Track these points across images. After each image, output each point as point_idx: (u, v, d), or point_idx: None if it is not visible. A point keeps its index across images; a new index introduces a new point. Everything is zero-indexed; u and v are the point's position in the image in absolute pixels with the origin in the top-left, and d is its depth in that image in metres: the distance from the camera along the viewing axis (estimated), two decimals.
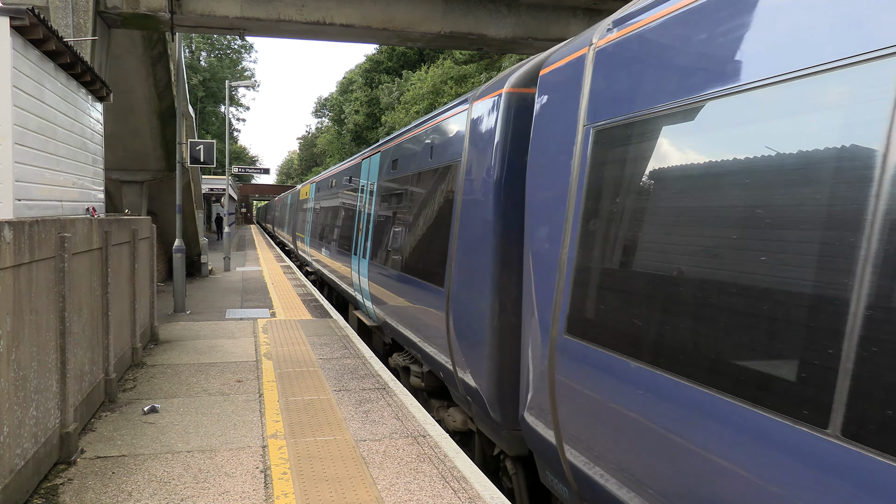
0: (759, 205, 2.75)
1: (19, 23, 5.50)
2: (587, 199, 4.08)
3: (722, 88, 3.04)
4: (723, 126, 3.01)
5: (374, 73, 69.84)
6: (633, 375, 3.47)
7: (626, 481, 3.55)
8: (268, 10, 10.90)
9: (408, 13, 11.39)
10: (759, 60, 2.84)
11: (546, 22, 11.84)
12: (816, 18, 2.58)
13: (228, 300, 15.66)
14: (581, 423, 4.01)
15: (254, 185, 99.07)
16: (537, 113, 4.93)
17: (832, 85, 2.47)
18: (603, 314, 3.81)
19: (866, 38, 2.37)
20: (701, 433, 2.96)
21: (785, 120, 2.68)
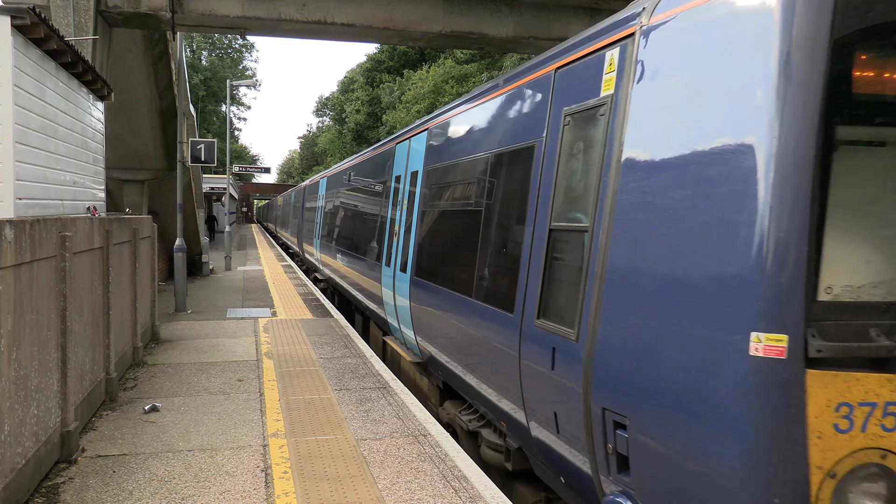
0: (456, 211, 6.65)
1: (20, 22, 5.50)
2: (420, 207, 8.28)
3: (452, 160, 7.23)
4: (457, 175, 7.00)
5: (375, 72, 69.83)
6: (431, 290, 7.26)
7: (433, 343, 7.33)
8: (269, 9, 10.89)
9: (408, 12, 11.38)
10: (457, 151, 7.03)
11: (547, 21, 11.83)
12: (467, 137, 6.82)
13: (229, 299, 15.67)
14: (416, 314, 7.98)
15: (255, 185, 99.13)
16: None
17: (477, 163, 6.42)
18: (416, 263, 7.96)
19: (480, 149, 6.23)
20: (454, 314, 6.48)
21: (460, 178, 6.85)
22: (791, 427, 2.82)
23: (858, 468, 2.83)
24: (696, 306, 3.13)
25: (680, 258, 3.27)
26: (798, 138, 2.87)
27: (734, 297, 2.93)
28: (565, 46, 4.93)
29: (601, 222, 3.93)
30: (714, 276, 3.06)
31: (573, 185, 4.45)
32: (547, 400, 4.48)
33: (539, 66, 5.30)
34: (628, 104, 3.86)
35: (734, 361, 2.90)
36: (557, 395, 4.31)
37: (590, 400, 3.86)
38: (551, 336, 4.37)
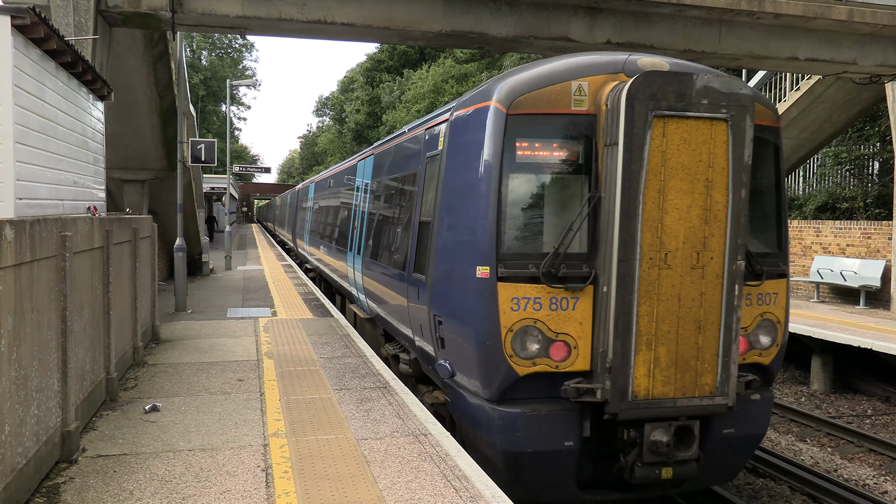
0: (381, 211, 10.43)
1: (20, 21, 5.50)
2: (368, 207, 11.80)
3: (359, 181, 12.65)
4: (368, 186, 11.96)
5: (375, 71, 69.79)
6: (370, 264, 10.48)
7: (373, 301, 10.58)
8: (269, 8, 10.88)
9: (408, 12, 11.36)
10: (384, 171, 10.64)
11: (547, 21, 11.81)
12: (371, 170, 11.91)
13: (229, 299, 15.67)
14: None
15: (255, 184, 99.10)
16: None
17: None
18: (364, 247, 11.36)
19: (395, 171, 9.75)
20: (381, 278, 9.64)
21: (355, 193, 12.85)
22: (492, 308, 5.96)
23: (522, 327, 5.98)
24: (462, 259, 6.41)
25: (458, 237, 6.60)
26: (492, 177, 6.11)
27: (473, 253, 6.20)
28: (429, 118, 8.44)
29: (436, 218, 7.10)
30: (467, 245, 6.35)
31: (428, 197, 7.63)
32: (418, 318, 7.64)
33: (419, 126, 8.77)
34: (445, 154, 7.15)
35: (472, 281, 6.16)
36: (421, 314, 7.46)
37: (430, 311, 7.09)
38: (418, 280, 7.58)
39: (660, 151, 5.76)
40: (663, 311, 5.86)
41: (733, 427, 6.48)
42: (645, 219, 5.76)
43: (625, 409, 5.83)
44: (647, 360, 5.85)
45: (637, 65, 6.31)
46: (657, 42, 12.31)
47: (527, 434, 6.08)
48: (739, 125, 5.87)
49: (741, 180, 5.91)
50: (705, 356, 6.00)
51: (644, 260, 5.79)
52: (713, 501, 7.72)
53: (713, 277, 5.96)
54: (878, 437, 9.79)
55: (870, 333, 11.73)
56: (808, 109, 16.25)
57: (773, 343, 6.91)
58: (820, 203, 19.81)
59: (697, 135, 5.82)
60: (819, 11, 12.32)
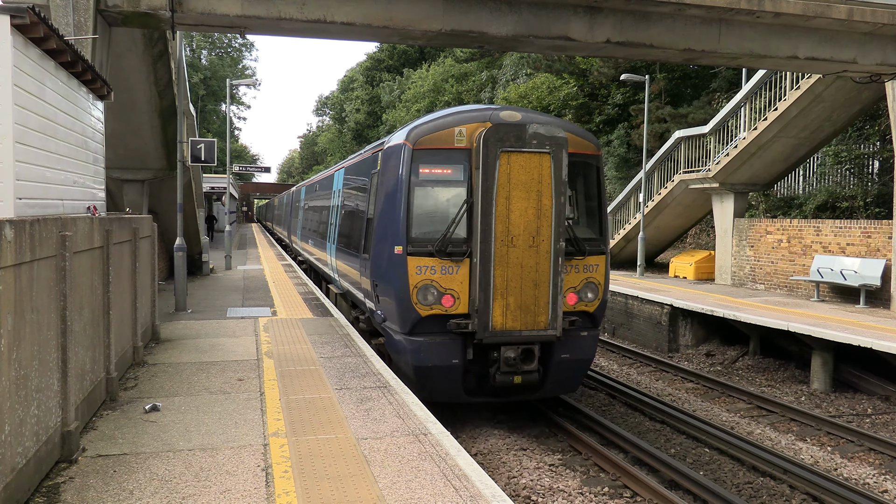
0: (348, 210, 13.58)
1: (20, 21, 5.49)
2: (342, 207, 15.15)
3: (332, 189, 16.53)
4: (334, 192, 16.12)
5: (375, 71, 69.79)
6: (340, 250, 13.80)
7: (342, 278, 13.95)
8: (268, 8, 10.87)
9: (408, 11, 11.35)
10: (348, 180, 14.13)
11: (547, 20, 11.80)
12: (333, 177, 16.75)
13: (229, 299, 15.67)
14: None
15: (255, 184, 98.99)
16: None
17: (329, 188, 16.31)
18: (336, 236, 14.68)
19: (356, 180, 13.13)
20: (346, 259, 12.90)
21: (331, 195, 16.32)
22: (404, 273, 9.01)
23: (423, 285, 8.98)
24: (387, 242, 9.39)
25: (385, 227, 9.49)
26: (404, 188, 9.17)
27: (393, 238, 9.21)
28: (374, 145, 11.94)
29: (374, 215, 10.15)
30: (390, 232, 9.32)
31: (371, 200, 10.75)
32: (365, 286, 10.87)
33: (370, 150, 12.24)
34: (379, 172, 10.18)
35: (392, 256, 9.21)
36: (366, 283, 10.73)
37: (371, 279, 10.20)
38: (365, 259, 10.71)
39: (506, 173, 8.97)
40: (511, 274, 9.07)
41: (568, 353, 9.63)
42: (497, 216, 8.97)
43: (487, 337, 9.06)
44: (501, 305, 9.06)
45: (500, 116, 9.31)
46: (657, 41, 12.30)
47: (428, 354, 9.23)
48: (558, 156, 9.08)
49: (560, 191, 9.10)
50: (540, 303, 9.16)
51: (498, 242, 8.99)
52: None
53: (544, 253, 9.13)
54: (878, 436, 9.79)
55: (870, 332, 11.73)
56: (807, 108, 16.24)
57: (595, 297, 9.87)
58: (820, 202, 19.80)
59: (530, 162, 9.02)
60: (819, 10, 12.31)
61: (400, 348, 9.53)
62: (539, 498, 7.73)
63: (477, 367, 9.48)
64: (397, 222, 9.29)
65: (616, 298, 17.92)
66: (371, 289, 10.45)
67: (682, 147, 21.18)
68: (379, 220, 9.93)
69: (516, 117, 9.34)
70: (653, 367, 14.52)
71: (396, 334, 9.58)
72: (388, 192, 9.72)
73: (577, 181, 10.00)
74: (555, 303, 9.17)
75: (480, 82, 44.83)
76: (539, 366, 9.40)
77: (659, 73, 29.10)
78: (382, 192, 9.93)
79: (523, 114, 9.58)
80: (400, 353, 9.60)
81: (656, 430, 10.33)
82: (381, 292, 9.94)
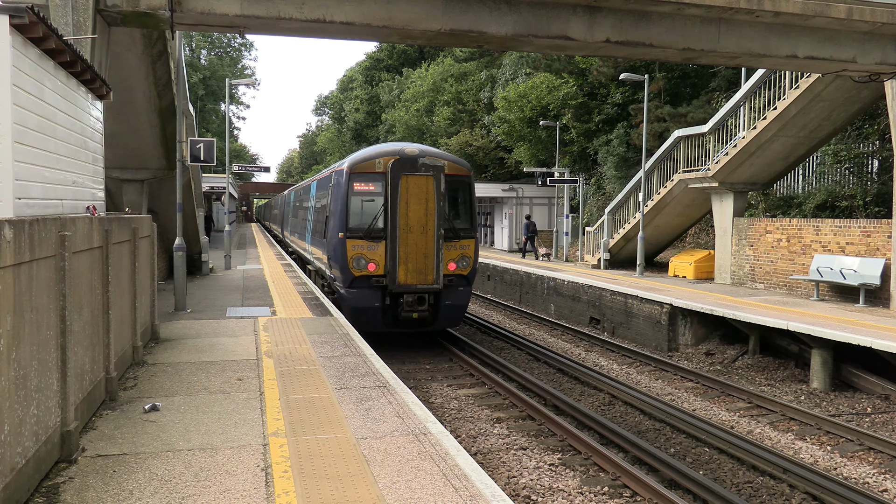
0: (318, 210, 18.98)
1: (19, 21, 5.49)
2: (316, 207, 21.63)
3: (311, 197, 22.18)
4: (311, 196, 22.11)
5: (374, 70, 69.73)
6: (315, 240, 19.25)
7: (316, 260, 19.51)
8: (268, 7, 10.86)
9: (407, 11, 11.35)
10: (319, 188, 19.45)
11: (547, 19, 11.80)
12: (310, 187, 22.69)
13: (229, 298, 15.66)
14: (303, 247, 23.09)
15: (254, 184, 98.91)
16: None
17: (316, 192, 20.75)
18: (312, 230, 20.19)
19: (325, 188, 17.79)
20: (318, 245, 18.15)
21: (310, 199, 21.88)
22: (344, 250, 14.27)
23: (356, 256, 14.22)
24: (335, 231, 14.70)
25: (334, 222, 14.93)
26: (344, 197, 14.41)
27: (338, 228, 14.54)
28: (333, 167, 17.62)
29: (330, 214, 15.43)
30: (337, 225, 14.71)
31: (329, 204, 15.73)
32: (325, 261, 16.19)
33: (330, 170, 17.49)
34: (332, 185, 15.69)
35: (338, 239, 14.51)
36: (325, 258, 16.16)
37: (327, 256, 15.70)
38: (324, 241, 16.12)
39: (405, 188, 14.03)
40: (410, 250, 14.08)
41: (450, 300, 14.68)
42: (401, 214, 14.03)
43: (395, 288, 14.08)
44: (404, 269, 14.09)
45: (404, 152, 14.35)
46: (656, 41, 12.30)
47: (359, 299, 14.29)
48: (438, 177, 14.22)
49: (440, 199, 14.22)
50: (429, 268, 14.20)
51: (401, 230, 14.04)
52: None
53: (430, 237, 14.18)
54: (877, 435, 9.79)
55: (869, 331, 11.74)
56: (807, 108, 16.24)
57: (467, 266, 14.82)
58: (819, 201, 19.80)
59: (421, 181, 14.13)
60: (818, 10, 12.31)
61: (344, 297, 14.76)
62: (539, 497, 7.73)
63: (390, 308, 14.57)
64: (342, 218, 14.51)
65: (616, 298, 17.92)
66: (328, 261, 15.93)
67: (682, 146, 21.18)
68: (330, 217, 15.47)
69: (414, 152, 14.49)
70: (652, 366, 14.53)
71: (342, 288, 14.82)
72: (336, 199, 15.06)
73: (457, 192, 15.00)
74: (437, 267, 14.36)
75: (480, 82, 44.78)
76: (430, 308, 14.63)
77: (658, 72, 29.09)
78: (333, 199, 15.38)
79: (420, 149, 14.74)
80: (344, 300, 14.81)
81: (656, 430, 10.33)
82: (332, 263, 15.36)
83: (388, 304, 14.44)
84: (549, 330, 18.98)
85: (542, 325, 19.64)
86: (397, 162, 14.13)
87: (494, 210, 39.09)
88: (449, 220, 14.53)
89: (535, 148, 35.97)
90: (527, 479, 8.20)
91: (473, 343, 15.78)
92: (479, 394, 12.03)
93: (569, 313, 20.40)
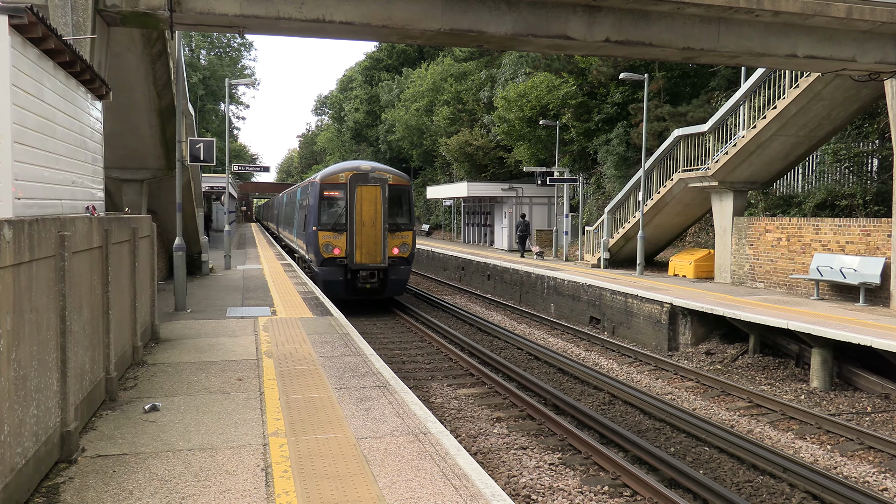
0: (300, 209, 25.32)
1: (18, 21, 5.48)
2: (285, 209, 34.35)
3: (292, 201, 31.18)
4: (291, 200, 31.75)
5: (374, 70, 69.68)
6: (300, 234, 24.70)
7: (299, 249, 25.95)
8: (267, 7, 10.86)
9: (407, 10, 11.34)
10: (300, 193, 26.54)
11: (546, 19, 11.80)
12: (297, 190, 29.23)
13: (229, 298, 15.66)
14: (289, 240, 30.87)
15: (254, 184, 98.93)
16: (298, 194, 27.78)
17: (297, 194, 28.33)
18: (297, 225, 26.28)
19: (305, 194, 23.90)
20: (301, 237, 24.03)
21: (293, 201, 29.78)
22: (316, 241, 19.63)
23: (325, 243, 19.55)
24: (310, 225, 20.39)
25: (310, 218, 20.55)
26: (317, 201, 19.97)
27: (312, 223, 20.07)
28: (310, 178, 24.81)
29: (308, 212, 21.15)
30: (310, 220, 20.40)
31: (308, 206, 21.25)
32: (305, 248, 22.39)
33: (308, 181, 24.23)
34: (309, 192, 21.62)
35: (312, 231, 20.08)
36: (305, 246, 22.21)
37: (305, 244, 22.16)
38: (303, 232, 22.32)
39: (360, 195, 19.31)
40: (363, 239, 19.37)
41: (394, 276, 19.91)
42: (357, 213, 19.29)
43: (353, 266, 19.36)
44: (359, 252, 19.27)
45: (360, 168, 19.79)
46: (656, 40, 12.29)
47: (328, 275, 19.44)
48: (384, 187, 19.57)
49: (385, 202, 19.49)
50: (378, 252, 19.40)
51: (357, 224, 19.25)
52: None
53: (379, 229, 19.43)
54: (877, 434, 9.79)
55: (869, 330, 11.74)
56: (807, 107, 16.24)
57: (407, 250, 19.96)
58: (819, 200, 19.80)
59: (372, 190, 19.44)
60: (818, 9, 12.31)
61: (317, 273, 20.02)
62: (539, 497, 7.73)
63: (350, 281, 19.75)
64: (315, 216, 19.85)
65: (616, 297, 17.92)
66: (306, 247, 21.77)
67: (682, 145, 21.18)
68: (308, 215, 20.93)
69: (367, 168, 19.87)
70: (652, 365, 14.52)
71: (316, 267, 20.14)
72: (311, 202, 20.51)
73: (399, 197, 20.24)
74: (384, 251, 19.54)
75: (479, 81, 44.78)
76: (379, 281, 19.89)
77: (658, 71, 29.09)
78: (309, 202, 20.88)
79: (371, 166, 20.18)
80: (317, 276, 20.05)
81: (656, 429, 10.33)
82: (308, 249, 21.03)
83: (349, 278, 19.71)
84: (549, 329, 18.98)
85: (542, 325, 19.64)
86: (354, 176, 19.53)
87: (494, 210, 39.08)
88: (392, 217, 19.91)
89: (534, 147, 35.97)
90: (527, 479, 8.20)
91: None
92: (478, 393, 12.03)
93: (569, 313, 20.40)
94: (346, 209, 19.31)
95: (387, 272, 19.77)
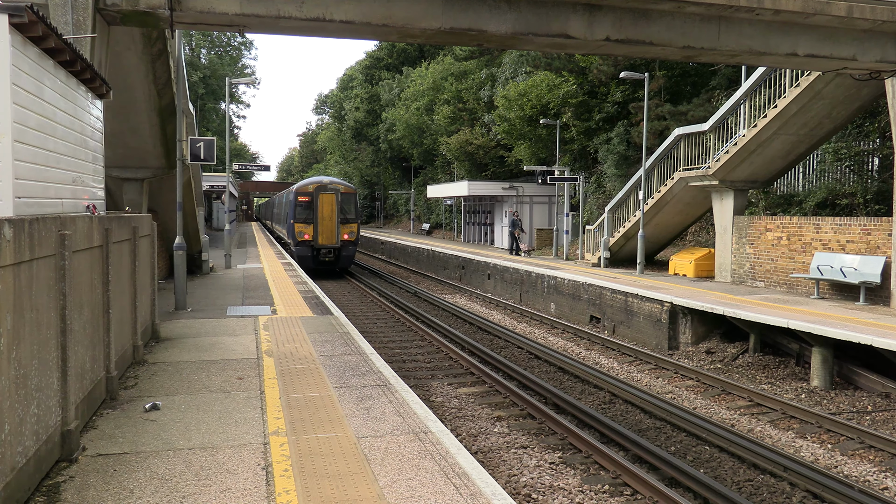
0: (282, 207, 40.12)
1: (18, 20, 5.48)
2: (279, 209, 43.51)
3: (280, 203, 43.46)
4: (278, 202, 46.39)
5: (374, 69, 69.66)
6: (288, 228, 33.02)
7: (287, 238, 34.74)
8: (267, 6, 10.85)
9: (407, 9, 11.33)
10: (284, 198, 39.11)
11: (546, 18, 11.79)
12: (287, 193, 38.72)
13: (229, 297, 15.66)
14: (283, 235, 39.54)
15: (254, 182, 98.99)
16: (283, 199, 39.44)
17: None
18: (284, 221, 36.39)
19: (290, 198, 33.02)
20: (289, 229, 32.35)
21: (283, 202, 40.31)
22: (293, 229, 30.11)
23: (300, 231, 30.21)
24: (291, 218, 30.33)
25: (291, 215, 30.46)
26: (294, 204, 30.11)
27: (292, 217, 29.94)
28: (290, 188, 36.57)
29: (290, 211, 31.07)
30: (291, 216, 30.20)
31: (291, 206, 30.99)
32: (289, 236, 32.03)
33: (290, 189, 35.04)
34: (292, 197, 31.37)
35: (291, 223, 30.07)
36: (286, 233, 33.50)
37: (288, 233, 32.13)
38: (286, 224, 33.55)
39: (322, 199, 29.54)
40: (324, 227, 29.68)
41: (345, 253, 30.28)
42: (319, 211, 29.52)
43: (317, 246, 29.91)
44: (322, 236, 29.52)
45: (322, 182, 30.67)
46: (656, 39, 12.28)
47: (301, 251, 29.48)
48: (337, 194, 29.87)
49: (338, 203, 29.80)
50: (334, 236, 29.61)
51: (319, 218, 29.49)
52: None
53: (334, 221, 29.64)
54: (878, 433, 9.79)
55: (870, 329, 11.74)
56: (807, 106, 16.23)
57: (354, 236, 30.28)
58: (819, 199, 19.79)
59: (330, 195, 29.72)
60: (818, 7, 12.30)
61: (295, 251, 29.54)
62: (539, 496, 7.74)
63: (315, 256, 29.36)
64: (293, 213, 29.47)
65: (616, 296, 17.92)
66: (287, 234, 32.59)
67: (682, 144, 21.17)
68: (289, 212, 30.77)
69: (327, 182, 30.38)
70: (653, 364, 14.53)
71: (293, 247, 29.71)
72: (292, 205, 29.84)
73: (349, 200, 30.12)
74: (338, 236, 29.43)
75: (479, 80, 44.76)
76: (335, 257, 29.74)
77: (658, 70, 29.07)
78: (291, 204, 30.22)
79: (330, 180, 30.66)
80: (294, 252, 29.61)
81: (657, 428, 10.33)
82: (289, 234, 31.00)
83: (315, 254, 29.35)
84: (549, 328, 18.98)
85: (542, 324, 19.64)
86: (318, 187, 29.62)
87: (494, 209, 39.08)
88: (343, 213, 29.65)
89: (535, 146, 35.96)
90: (527, 478, 8.21)
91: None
92: (479, 392, 12.03)
93: (569, 312, 20.39)
94: (312, 209, 29.24)
95: (339, 250, 29.82)
